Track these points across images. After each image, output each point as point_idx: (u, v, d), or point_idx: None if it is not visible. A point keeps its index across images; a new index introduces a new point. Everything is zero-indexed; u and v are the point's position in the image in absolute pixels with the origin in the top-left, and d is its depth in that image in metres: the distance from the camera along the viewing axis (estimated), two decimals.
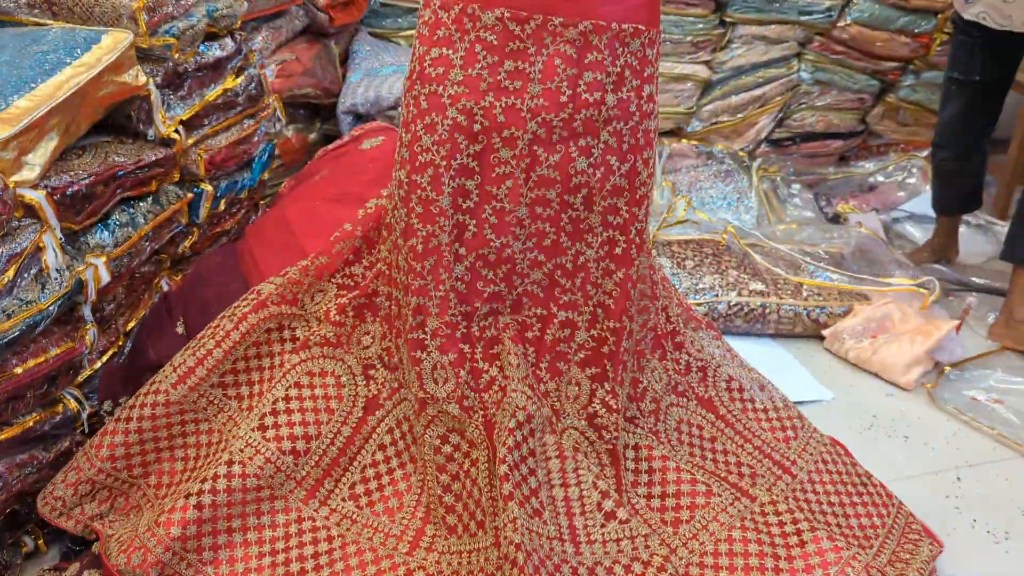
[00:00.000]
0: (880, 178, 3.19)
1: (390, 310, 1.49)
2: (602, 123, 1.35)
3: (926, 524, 1.57)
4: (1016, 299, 2.27)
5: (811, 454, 1.60)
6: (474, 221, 1.38)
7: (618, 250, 1.42)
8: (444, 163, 1.34)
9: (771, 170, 3.11)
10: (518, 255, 1.41)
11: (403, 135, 1.39)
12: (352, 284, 1.55)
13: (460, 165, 1.35)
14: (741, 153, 3.11)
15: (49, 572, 1.40)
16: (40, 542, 1.47)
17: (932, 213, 2.72)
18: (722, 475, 1.51)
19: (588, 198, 1.38)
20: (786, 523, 1.40)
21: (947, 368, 2.07)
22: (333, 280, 1.55)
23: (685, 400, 1.59)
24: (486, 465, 1.37)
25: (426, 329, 1.40)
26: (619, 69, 1.33)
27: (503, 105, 1.32)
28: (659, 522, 1.42)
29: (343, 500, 1.43)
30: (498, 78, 1.32)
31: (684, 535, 1.40)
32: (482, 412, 1.41)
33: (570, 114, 1.33)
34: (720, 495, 1.44)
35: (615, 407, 1.45)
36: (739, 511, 1.42)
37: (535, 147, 1.35)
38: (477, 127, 1.33)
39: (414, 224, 1.37)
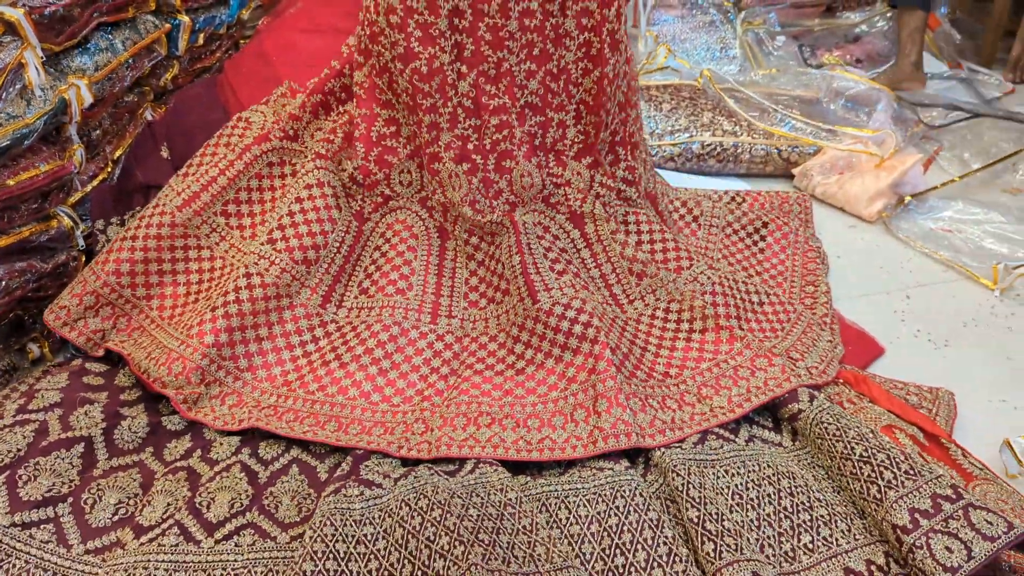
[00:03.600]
0: (865, 28, 3.18)
1: (367, 131, 1.56)
2: None
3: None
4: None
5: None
6: (471, 39, 1.46)
7: (593, 51, 1.52)
8: None
9: (755, 23, 3.10)
10: (515, 67, 1.51)
11: None
12: (346, 120, 1.62)
13: None
14: (726, 3, 3.09)
15: (54, 366, 1.51)
16: (46, 349, 1.58)
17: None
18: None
19: (563, 4, 1.48)
20: (751, 291, 1.68)
21: (908, 198, 2.14)
22: (328, 119, 1.63)
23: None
24: (508, 247, 1.52)
25: (440, 142, 1.52)
26: None
27: None
28: (668, 271, 1.63)
29: (355, 297, 1.54)
30: None
31: (685, 280, 1.62)
32: (491, 215, 1.56)
33: None
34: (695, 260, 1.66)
35: (612, 186, 1.64)
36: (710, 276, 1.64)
37: None
38: None
39: (415, 48, 1.45)
